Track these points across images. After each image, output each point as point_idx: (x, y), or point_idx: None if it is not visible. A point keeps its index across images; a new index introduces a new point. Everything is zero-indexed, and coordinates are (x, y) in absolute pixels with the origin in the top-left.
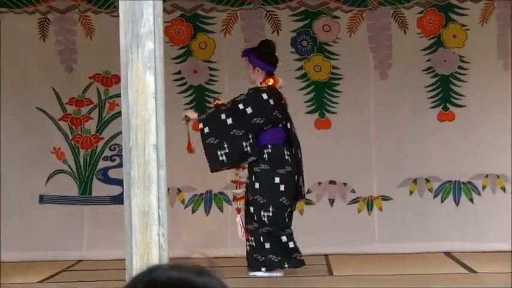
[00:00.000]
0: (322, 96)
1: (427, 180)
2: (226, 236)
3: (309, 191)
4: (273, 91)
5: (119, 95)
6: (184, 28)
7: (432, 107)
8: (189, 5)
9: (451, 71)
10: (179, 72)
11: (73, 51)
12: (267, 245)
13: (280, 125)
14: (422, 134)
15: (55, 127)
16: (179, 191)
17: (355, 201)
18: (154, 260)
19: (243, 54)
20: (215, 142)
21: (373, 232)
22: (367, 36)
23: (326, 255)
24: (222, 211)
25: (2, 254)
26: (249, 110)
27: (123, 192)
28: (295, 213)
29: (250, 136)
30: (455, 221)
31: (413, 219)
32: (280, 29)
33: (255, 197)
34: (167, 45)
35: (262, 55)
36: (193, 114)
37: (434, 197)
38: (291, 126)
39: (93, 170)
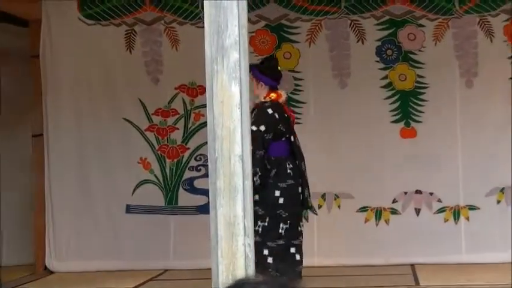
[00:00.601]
0: (407, 105)
1: None
2: (312, 245)
3: (394, 201)
4: (276, 105)
5: (204, 106)
6: (269, 38)
7: None
8: (274, 15)
9: None
10: None
11: (159, 63)
12: (265, 252)
13: (283, 138)
14: (509, 143)
15: (141, 137)
16: None
17: (441, 210)
18: (240, 270)
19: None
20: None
21: (459, 242)
22: (453, 45)
23: (412, 265)
24: (307, 221)
25: (92, 263)
26: (262, 128)
27: (208, 202)
28: (381, 223)
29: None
30: None
31: (501, 228)
32: (365, 38)
33: (255, 208)
34: (252, 56)
35: (266, 70)
36: None
37: None
38: (294, 139)
39: (179, 180)
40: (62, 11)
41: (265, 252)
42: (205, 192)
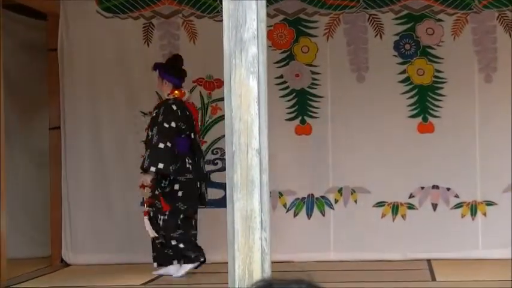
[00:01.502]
0: (425, 100)
1: None
2: (328, 240)
3: (411, 196)
4: (179, 102)
5: (221, 99)
6: (287, 32)
7: None
8: (292, 9)
9: None
10: (281, 76)
11: None
12: (173, 242)
13: (183, 135)
14: None
15: None
16: (281, 194)
17: (458, 206)
18: (257, 264)
19: (154, 68)
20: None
21: (476, 237)
22: (472, 39)
23: (429, 260)
24: (323, 215)
25: (108, 255)
26: (173, 124)
27: (224, 195)
28: (398, 218)
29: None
30: None
31: None
32: (383, 33)
33: (156, 202)
34: (269, 49)
35: (170, 69)
36: (147, 179)
37: None
38: (195, 136)
39: None
40: (80, 3)
41: (173, 242)
42: (222, 186)
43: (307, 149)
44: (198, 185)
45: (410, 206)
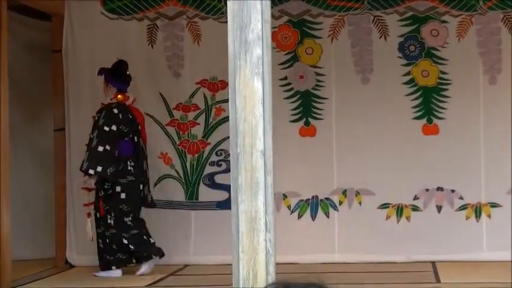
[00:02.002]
0: (430, 101)
1: None
2: (333, 242)
3: (416, 198)
4: (122, 106)
5: (225, 101)
6: (291, 33)
7: None
8: (296, 11)
9: None
10: (286, 78)
11: (180, 57)
12: (114, 246)
13: (126, 138)
14: None
15: (162, 132)
16: (285, 196)
17: (463, 208)
18: (261, 265)
19: (98, 73)
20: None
21: (481, 239)
22: (476, 41)
23: (433, 262)
24: (328, 217)
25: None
26: (114, 128)
27: (229, 197)
28: (402, 220)
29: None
30: None
31: None
32: (388, 34)
33: (101, 204)
34: (274, 51)
35: (115, 74)
36: (91, 181)
37: None
38: (138, 139)
39: (200, 175)
40: (84, 5)
41: (125, 241)
42: (225, 188)
43: (312, 151)
44: (141, 187)
45: (415, 208)
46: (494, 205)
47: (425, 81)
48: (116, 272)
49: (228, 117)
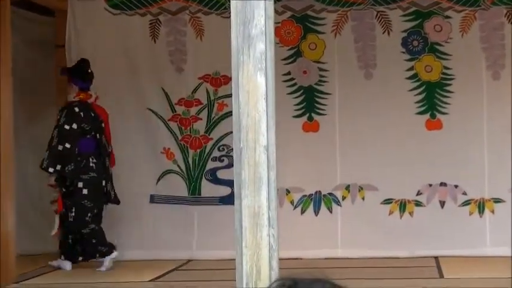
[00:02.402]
0: (433, 96)
1: None
2: (336, 237)
3: (419, 193)
4: (83, 105)
5: (228, 96)
6: (294, 29)
7: None
8: (299, 6)
9: None
10: (289, 73)
11: (183, 52)
12: (71, 240)
13: (88, 136)
14: None
15: (165, 127)
16: (288, 191)
17: (466, 203)
18: (264, 261)
19: (61, 72)
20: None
21: (484, 235)
22: (480, 36)
23: (436, 258)
24: (331, 212)
25: (115, 252)
26: (74, 126)
27: (231, 192)
28: (405, 215)
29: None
30: None
31: None
32: (391, 29)
33: (64, 200)
34: (277, 46)
35: (76, 72)
36: (51, 178)
37: None
38: (100, 137)
39: (202, 170)
40: (88, 0)
41: (86, 237)
42: (228, 183)
43: (315, 146)
44: (104, 183)
45: (418, 203)
46: (497, 200)
47: (428, 76)
48: (67, 263)
49: (230, 112)
